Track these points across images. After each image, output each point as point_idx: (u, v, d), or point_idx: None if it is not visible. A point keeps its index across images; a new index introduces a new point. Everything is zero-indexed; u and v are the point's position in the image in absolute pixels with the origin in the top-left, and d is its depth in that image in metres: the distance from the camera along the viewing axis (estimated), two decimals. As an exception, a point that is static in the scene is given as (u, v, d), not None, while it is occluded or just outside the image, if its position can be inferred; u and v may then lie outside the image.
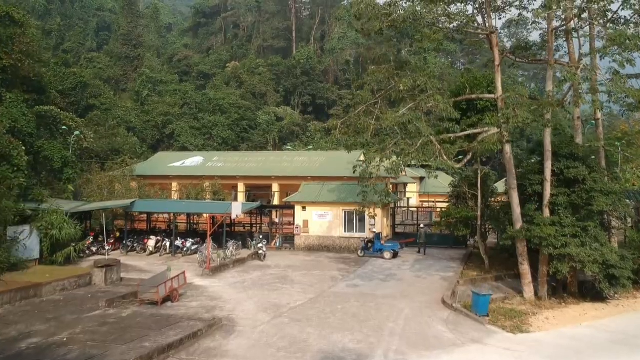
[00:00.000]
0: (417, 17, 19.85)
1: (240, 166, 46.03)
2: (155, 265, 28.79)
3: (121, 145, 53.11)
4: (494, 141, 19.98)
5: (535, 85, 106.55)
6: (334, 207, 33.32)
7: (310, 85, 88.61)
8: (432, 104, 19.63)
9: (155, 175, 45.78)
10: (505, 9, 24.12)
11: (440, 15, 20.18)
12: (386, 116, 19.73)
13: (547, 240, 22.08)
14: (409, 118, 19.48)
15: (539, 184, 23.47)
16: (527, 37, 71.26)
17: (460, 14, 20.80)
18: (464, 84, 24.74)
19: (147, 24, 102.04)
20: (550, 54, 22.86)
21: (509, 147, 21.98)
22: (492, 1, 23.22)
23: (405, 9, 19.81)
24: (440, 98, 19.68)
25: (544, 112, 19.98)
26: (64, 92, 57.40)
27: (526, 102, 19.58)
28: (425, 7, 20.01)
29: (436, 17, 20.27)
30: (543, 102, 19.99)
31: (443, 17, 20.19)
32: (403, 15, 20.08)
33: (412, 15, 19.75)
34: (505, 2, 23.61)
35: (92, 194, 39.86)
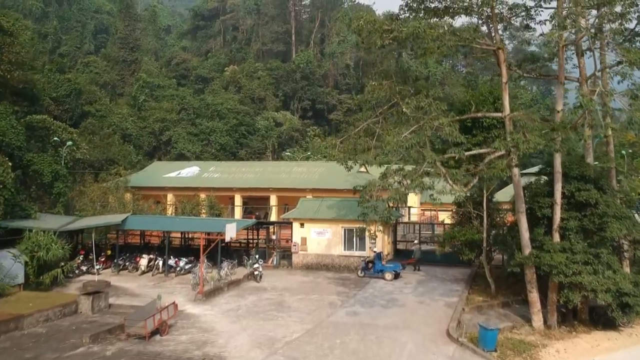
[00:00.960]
0: (420, 34, 18.67)
1: (237, 177, 44.85)
2: (147, 288, 27.62)
3: (116, 155, 51.90)
4: (503, 167, 18.81)
5: (537, 88, 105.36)
6: (333, 224, 32.15)
7: (310, 90, 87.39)
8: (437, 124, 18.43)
9: (150, 187, 44.60)
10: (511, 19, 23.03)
11: (445, 32, 18.98)
12: (388, 139, 18.55)
13: (558, 268, 20.95)
14: (412, 143, 18.30)
15: (549, 207, 22.31)
16: (532, 41, 69.13)
17: (466, 30, 19.59)
18: (469, 101, 23.55)
19: (144, 27, 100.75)
20: (560, 71, 21.70)
21: (518, 170, 20.79)
22: (498, 14, 22.10)
23: (408, 26, 18.62)
24: (445, 120, 18.51)
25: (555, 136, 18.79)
26: (58, 99, 56.27)
27: (537, 125, 18.39)
28: (428, 24, 18.80)
29: (440, 34, 19.06)
30: (555, 126, 18.81)
31: (448, 34, 19.00)
32: (405, 32, 18.89)
33: (415, 31, 18.55)
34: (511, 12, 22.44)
35: (85, 208, 38.72)
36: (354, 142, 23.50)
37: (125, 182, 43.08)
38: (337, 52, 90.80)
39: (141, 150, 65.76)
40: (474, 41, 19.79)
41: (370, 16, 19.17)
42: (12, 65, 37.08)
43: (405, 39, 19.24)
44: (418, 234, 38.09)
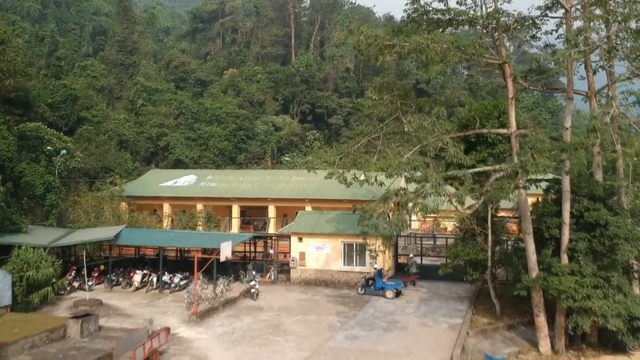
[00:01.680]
0: (423, 50, 17.77)
1: (234, 186, 43.95)
2: (140, 307, 26.73)
3: (112, 162, 51.00)
4: (510, 190, 17.92)
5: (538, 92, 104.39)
6: (332, 239, 31.25)
7: (310, 94, 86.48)
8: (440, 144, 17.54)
9: (146, 197, 43.71)
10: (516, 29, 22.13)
11: (449, 47, 18.07)
12: (389, 161, 17.65)
13: (566, 293, 20.06)
14: (415, 165, 17.42)
15: (557, 228, 21.40)
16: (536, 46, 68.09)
17: (472, 45, 18.68)
18: (473, 116, 22.63)
19: (142, 30, 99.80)
20: (569, 87, 20.79)
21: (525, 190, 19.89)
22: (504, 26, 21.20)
23: (410, 41, 17.72)
24: (449, 140, 17.62)
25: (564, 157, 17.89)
26: (53, 105, 55.39)
27: (546, 145, 17.47)
28: (432, 39, 17.90)
29: (444, 49, 18.16)
30: (565, 146, 17.90)
31: (452, 49, 18.09)
32: (408, 48, 18.00)
33: (418, 47, 17.65)
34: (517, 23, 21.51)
35: (78, 219, 37.87)
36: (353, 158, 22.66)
37: (121, 192, 42.17)
38: (337, 56, 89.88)
39: (138, 156, 64.89)
40: (480, 56, 18.87)
41: (370, 31, 18.27)
42: (3, 74, 36.21)
43: (407, 54, 18.34)
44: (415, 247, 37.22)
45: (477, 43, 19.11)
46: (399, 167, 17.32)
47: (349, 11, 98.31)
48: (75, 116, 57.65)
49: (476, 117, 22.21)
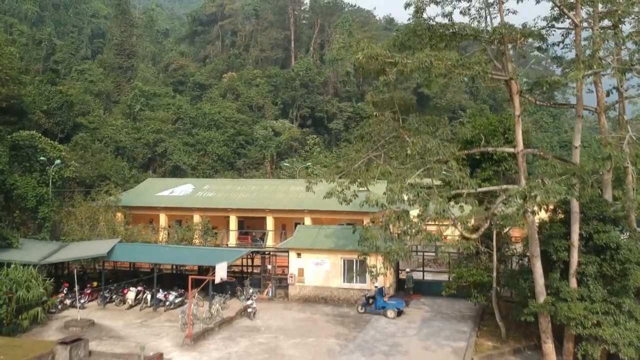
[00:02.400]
0: (426, 68, 16.93)
1: (232, 196, 43.09)
2: (133, 327, 25.86)
3: (108, 170, 50.14)
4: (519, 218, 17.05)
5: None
6: (331, 255, 30.37)
7: (309, 98, 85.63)
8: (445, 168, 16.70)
9: (142, 207, 42.84)
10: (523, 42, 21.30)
11: (454, 65, 17.22)
12: (392, 185, 16.78)
13: (576, 320, 19.21)
14: (419, 190, 16.57)
15: (565, 250, 20.56)
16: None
17: (477, 62, 17.82)
18: (478, 134, 21.75)
19: (140, 34, 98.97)
20: (579, 105, 19.93)
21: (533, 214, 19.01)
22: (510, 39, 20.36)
23: (414, 59, 16.87)
24: (455, 164, 16.77)
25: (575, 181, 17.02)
26: (49, 111, 54.53)
27: (556, 170, 16.58)
28: (436, 56, 17.05)
29: (449, 67, 17.31)
30: (575, 169, 17.02)
31: (457, 67, 17.24)
32: (411, 66, 17.15)
33: (421, 65, 16.81)
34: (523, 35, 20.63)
35: (72, 232, 37.01)
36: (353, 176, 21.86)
37: (116, 202, 41.31)
38: (337, 59, 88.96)
39: (135, 162, 64.05)
40: (486, 74, 18.01)
41: (370, 49, 17.39)
42: (-5, 83, 35.43)
43: (410, 72, 17.50)
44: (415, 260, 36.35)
45: (483, 60, 18.24)
46: (401, 190, 16.45)
47: (349, 14, 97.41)
48: (71, 123, 56.80)
49: (481, 135, 21.31)
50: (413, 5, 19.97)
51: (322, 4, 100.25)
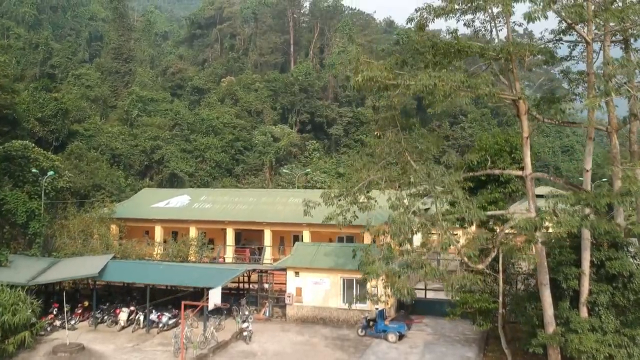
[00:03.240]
0: (430, 90, 15.98)
1: (229, 208, 42.10)
2: (125, 352, 24.88)
3: (103, 180, 49.14)
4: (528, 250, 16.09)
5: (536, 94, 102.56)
6: (331, 274, 29.41)
7: (309, 103, 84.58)
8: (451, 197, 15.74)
9: (137, 219, 41.89)
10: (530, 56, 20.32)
11: (459, 86, 16.27)
12: (394, 217, 15.82)
13: (587, 353, 18.24)
14: (423, 222, 15.61)
15: (575, 278, 19.58)
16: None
17: (484, 82, 16.86)
18: (484, 156, 20.74)
19: (138, 38, 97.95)
20: (590, 127, 18.94)
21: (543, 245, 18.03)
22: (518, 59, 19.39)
23: (417, 82, 15.91)
24: (461, 194, 15.80)
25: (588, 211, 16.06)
26: (43, 119, 53.52)
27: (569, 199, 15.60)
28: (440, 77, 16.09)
29: (454, 87, 16.38)
30: (587, 197, 16.03)
31: (463, 88, 16.30)
32: (414, 88, 16.20)
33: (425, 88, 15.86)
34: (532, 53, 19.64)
35: (65, 246, 36.07)
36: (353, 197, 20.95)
37: (110, 214, 40.36)
38: (337, 64, 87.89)
39: (132, 169, 63.03)
40: (493, 96, 17.05)
41: (370, 71, 16.42)
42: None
43: (413, 94, 16.56)
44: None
45: (489, 80, 17.26)
46: (402, 224, 15.49)
47: (349, 18, 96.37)
48: (66, 130, 55.82)
49: (487, 157, 20.33)
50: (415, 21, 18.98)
51: (322, 7, 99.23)
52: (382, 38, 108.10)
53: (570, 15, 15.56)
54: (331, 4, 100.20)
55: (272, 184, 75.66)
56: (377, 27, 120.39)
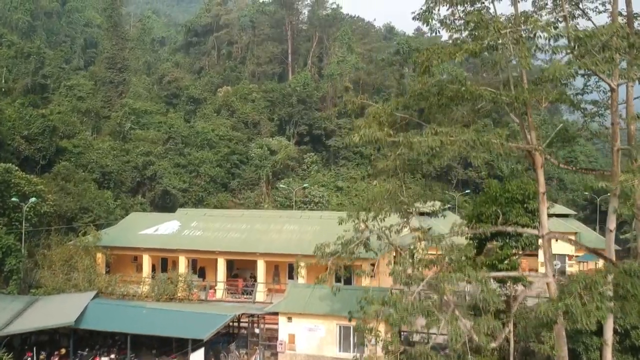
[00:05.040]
0: (437, 153, 13.99)
1: (220, 236, 40.04)
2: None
3: (91, 202, 47.10)
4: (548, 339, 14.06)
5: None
6: (326, 321, 27.36)
7: (307, 114, 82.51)
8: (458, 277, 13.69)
9: (124, 247, 39.83)
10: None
11: (470, 145, 14.26)
12: (393, 299, 13.80)
13: None
14: (429, 309, 13.59)
15: (597, 349, 17.59)
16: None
17: (497, 142, 14.86)
18: (495, 211, 18.65)
19: (133, 47, 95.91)
20: (614, 177, 16.89)
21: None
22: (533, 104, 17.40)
23: (422, 143, 13.91)
24: (473, 273, 13.74)
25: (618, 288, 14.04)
26: (29, 137, 51.45)
27: (598, 285, 13.54)
28: (449, 136, 14.09)
29: (463, 147, 14.38)
30: (619, 276, 13.99)
31: (474, 148, 14.29)
32: (418, 148, 14.19)
33: (431, 151, 13.88)
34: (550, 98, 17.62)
35: (45, 281, 34.01)
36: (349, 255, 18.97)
37: (96, 241, 38.28)
38: (336, 74, 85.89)
39: (123, 186, 60.91)
40: (508, 155, 15.04)
41: (370, 130, 14.41)
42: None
43: (417, 155, 14.57)
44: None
45: (504, 135, 15.22)
46: (404, 311, 13.49)
47: (348, 27, 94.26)
48: (54, 148, 53.74)
49: (498, 212, 18.27)
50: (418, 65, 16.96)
51: (321, 16, 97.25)
52: (382, 46, 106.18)
53: (600, 69, 13.55)
54: (330, 13, 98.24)
55: (268, 199, 73.63)
56: (377, 34, 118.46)
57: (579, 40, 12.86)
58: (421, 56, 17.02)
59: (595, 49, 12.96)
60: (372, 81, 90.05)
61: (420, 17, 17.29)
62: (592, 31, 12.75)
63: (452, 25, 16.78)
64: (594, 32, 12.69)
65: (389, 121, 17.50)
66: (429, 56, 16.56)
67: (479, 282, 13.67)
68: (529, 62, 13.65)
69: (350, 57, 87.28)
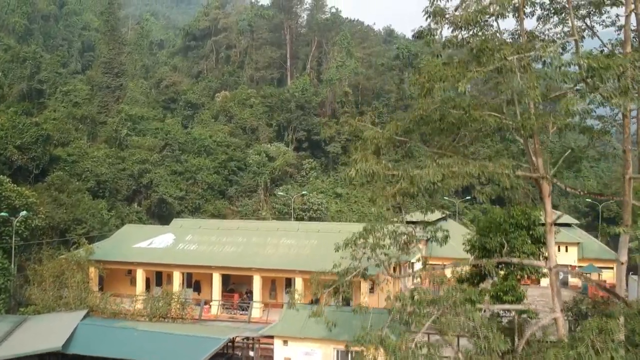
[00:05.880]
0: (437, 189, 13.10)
1: (216, 250, 39.13)
2: None
3: (84, 213, 46.18)
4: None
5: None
6: (323, 345, 26.44)
7: (306, 120, 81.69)
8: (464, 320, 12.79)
9: (117, 261, 38.92)
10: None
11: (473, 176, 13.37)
12: (394, 345, 12.87)
13: None
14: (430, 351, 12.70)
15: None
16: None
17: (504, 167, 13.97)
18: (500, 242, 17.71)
19: (130, 51, 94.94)
20: (626, 212, 16.00)
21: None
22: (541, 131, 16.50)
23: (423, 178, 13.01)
24: (477, 316, 12.85)
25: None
26: (22, 146, 50.45)
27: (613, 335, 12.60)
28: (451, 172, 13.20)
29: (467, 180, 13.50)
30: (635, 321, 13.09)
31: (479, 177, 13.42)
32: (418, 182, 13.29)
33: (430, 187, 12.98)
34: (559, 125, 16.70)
35: (35, 299, 33.07)
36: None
37: (88, 255, 37.37)
38: (335, 79, 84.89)
39: (119, 195, 59.97)
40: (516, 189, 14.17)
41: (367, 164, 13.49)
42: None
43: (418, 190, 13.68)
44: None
45: (511, 166, 14.32)
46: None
47: (347, 31, 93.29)
48: (48, 157, 52.79)
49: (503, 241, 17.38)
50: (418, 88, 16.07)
51: (320, 20, 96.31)
52: (381, 50, 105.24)
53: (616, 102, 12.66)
54: (329, 17, 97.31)
55: (266, 206, 72.66)
56: (377, 38, 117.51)
57: (592, 70, 11.99)
58: (421, 78, 16.17)
59: (610, 81, 12.08)
60: (371, 86, 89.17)
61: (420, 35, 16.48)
62: (607, 61, 11.86)
63: (454, 44, 15.98)
64: (609, 63, 11.80)
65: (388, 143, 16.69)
66: (430, 78, 15.73)
67: (484, 327, 12.76)
68: (537, 94, 12.76)
69: (350, 61, 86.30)
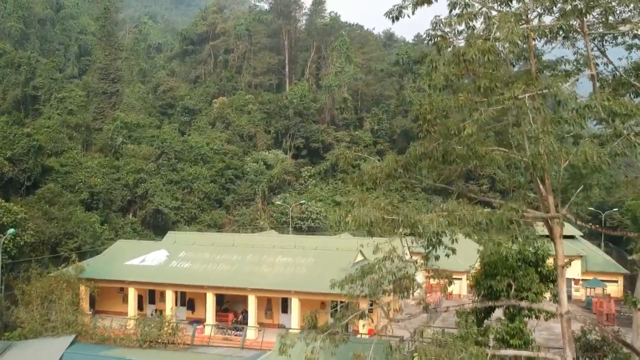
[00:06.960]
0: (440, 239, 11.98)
1: (210, 269, 37.91)
2: None
3: (76, 227, 45.05)
4: None
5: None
6: (319, 377, 25.19)
7: (304, 127, 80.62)
8: None
9: (108, 280, 37.73)
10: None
11: (483, 225, 12.25)
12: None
13: None
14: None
15: None
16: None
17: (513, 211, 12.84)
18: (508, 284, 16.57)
19: (127, 56, 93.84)
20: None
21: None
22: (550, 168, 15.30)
23: (425, 223, 11.90)
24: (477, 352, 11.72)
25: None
26: (13, 158, 49.37)
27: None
28: (456, 217, 12.08)
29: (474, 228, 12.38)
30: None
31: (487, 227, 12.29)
32: (420, 229, 12.17)
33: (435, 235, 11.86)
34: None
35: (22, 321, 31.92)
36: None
37: (78, 274, 36.19)
38: (334, 85, 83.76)
39: (113, 205, 58.83)
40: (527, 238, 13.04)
41: (364, 211, 12.35)
42: None
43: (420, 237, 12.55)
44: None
45: (518, 207, 13.18)
46: None
47: (347, 36, 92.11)
48: (39, 169, 51.69)
49: (511, 284, 16.21)
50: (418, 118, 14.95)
51: (319, 25, 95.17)
52: (381, 55, 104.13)
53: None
54: (328, 22, 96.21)
55: (264, 215, 71.49)
56: (377, 42, 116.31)
57: (614, 115, 10.87)
58: (423, 110, 15.05)
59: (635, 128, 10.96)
60: (371, 92, 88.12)
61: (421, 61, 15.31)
62: (631, 107, 10.74)
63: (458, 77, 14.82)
64: (632, 110, 10.67)
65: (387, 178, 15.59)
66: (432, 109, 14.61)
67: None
68: (552, 141, 11.61)
69: (349, 67, 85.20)
